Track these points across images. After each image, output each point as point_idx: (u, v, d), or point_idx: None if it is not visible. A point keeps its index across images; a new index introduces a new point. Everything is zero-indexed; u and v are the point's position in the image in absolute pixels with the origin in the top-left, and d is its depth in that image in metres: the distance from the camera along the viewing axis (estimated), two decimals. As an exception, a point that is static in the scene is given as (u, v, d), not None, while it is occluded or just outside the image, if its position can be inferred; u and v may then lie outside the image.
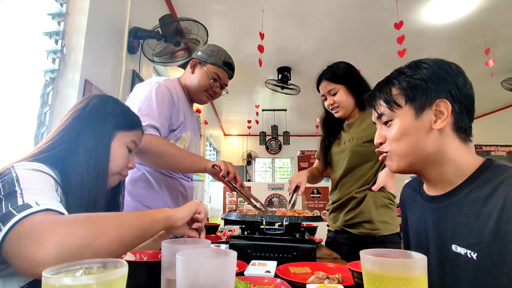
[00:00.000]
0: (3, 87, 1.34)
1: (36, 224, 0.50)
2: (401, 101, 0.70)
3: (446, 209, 0.69)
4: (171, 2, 2.95)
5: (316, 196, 5.15)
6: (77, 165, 0.70)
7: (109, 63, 1.89)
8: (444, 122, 0.66)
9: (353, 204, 1.37)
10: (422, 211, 0.77)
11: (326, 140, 1.53)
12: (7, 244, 0.49)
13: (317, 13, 3.13)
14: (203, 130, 4.99)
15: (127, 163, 0.82)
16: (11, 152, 1.33)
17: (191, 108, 1.43)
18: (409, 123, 0.69)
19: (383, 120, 0.74)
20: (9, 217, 0.50)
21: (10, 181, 0.56)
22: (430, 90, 0.67)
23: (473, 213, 0.62)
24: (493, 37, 3.48)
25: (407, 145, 0.70)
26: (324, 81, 1.43)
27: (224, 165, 1.18)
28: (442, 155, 0.68)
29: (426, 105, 0.67)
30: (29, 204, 0.53)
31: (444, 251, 0.67)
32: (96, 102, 0.79)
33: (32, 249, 0.47)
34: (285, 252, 0.95)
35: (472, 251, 0.61)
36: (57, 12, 1.57)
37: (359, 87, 1.40)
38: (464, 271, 0.62)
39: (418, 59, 0.72)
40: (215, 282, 0.44)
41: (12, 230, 0.49)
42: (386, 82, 0.74)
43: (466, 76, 0.69)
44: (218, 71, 1.32)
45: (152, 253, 0.86)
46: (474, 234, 0.61)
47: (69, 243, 0.49)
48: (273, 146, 8.19)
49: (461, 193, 0.66)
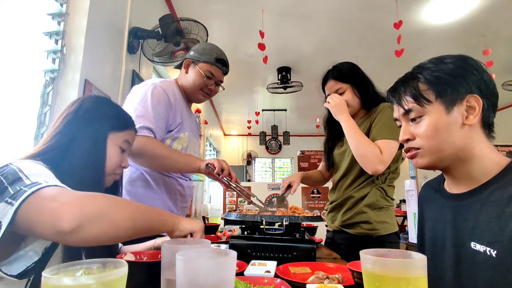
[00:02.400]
0: (3, 87, 1.34)
1: (53, 192, 0.52)
2: (431, 96, 0.68)
3: (467, 207, 0.68)
4: (171, 2, 2.95)
5: (316, 196, 5.15)
6: (73, 168, 0.70)
7: (109, 63, 1.89)
8: (477, 117, 0.66)
9: (351, 203, 1.36)
10: (441, 208, 0.76)
11: (329, 142, 1.53)
12: (22, 215, 0.49)
13: (317, 13, 3.13)
14: (203, 130, 4.99)
15: (120, 163, 0.82)
16: (11, 152, 1.33)
17: (189, 109, 1.43)
18: (441, 118, 0.67)
19: (411, 116, 0.71)
20: (20, 193, 0.51)
21: (12, 172, 0.56)
22: (461, 84, 0.66)
23: (496, 212, 0.62)
24: (493, 37, 3.48)
25: (440, 141, 0.68)
26: (330, 81, 1.42)
27: (218, 162, 1.19)
28: (470, 151, 0.67)
29: (457, 100, 0.66)
30: (38, 182, 0.53)
31: (462, 248, 0.66)
32: (88, 104, 0.79)
33: (54, 209, 0.49)
34: (285, 252, 0.95)
35: (492, 249, 0.60)
36: (57, 12, 1.57)
37: (365, 87, 1.40)
38: (482, 269, 0.61)
39: (440, 56, 0.71)
40: (215, 282, 0.44)
41: (27, 200, 0.50)
42: (411, 77, 0.72)
43: (489, 73, 0.69)
44: (211, 68, 1.32)
45: (152, 253, 0.86)
46: (495, 233, 0.60)
47: (90, 207, 0.51)
48: (273, 146, 8.19)
49: (485, 192, 0.65)
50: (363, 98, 1.40)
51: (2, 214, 0.50)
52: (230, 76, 5.03)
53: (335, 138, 1.51)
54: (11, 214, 0.49)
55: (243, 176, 7.08)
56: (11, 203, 0.50)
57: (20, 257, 0.56)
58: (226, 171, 1.20)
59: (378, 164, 1.21)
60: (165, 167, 1.21)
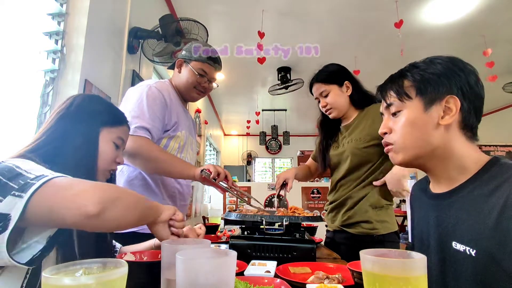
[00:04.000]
0: (3, 87, 1.34)
1: (68, 181, 0.54)
2: (412, 92, 0.70)
3: (448, 206, 0.69)
4: (171, 2, 2.95)
5: (316, 196, 5.15)
6: (66, 164, 0.70)
7: (109, 63, 1.89)
8: (452, 118, 0.66)
9: (351, 203, 1.37)
10: (426, 209, 0.77)
11: (323, 142, 1.53)
12: (35, 205, 0.50)
13: (317, 13, 3.13)
14: (203, 130, 4.99)
15: (115, 158, 0.82)
16: (11, 152, 1.33)
17: (184, 108, 1.44)
18: (417, 115, 0.69)
19: (392, 110, 0.74)
20: (29, 186, 0.51)
21: (7, 168, 0.55)
22: (442, 84, 0.67)
23: (475, 209, 0.62)
24: (493, 38, 3.48)
25: (413, 137, 0.70)
26: (315, 84, 1.45)
27: (213, 167, 1.19)
28: (447, 150, 0.68)
29: (436, 99, 0.67)
30: (44, 174, 0.54)
31: (445, 248, 0.68)
32: (80, 100, 0.79)
33: (75, 196, 0.51)
34: (285, 252, 0.95)
35: (471, 248, 0.61)
36: (57, 12, 1.57)
37: (351, 86, 1.41)
38: (463, 268, 0.62)
39: (434, 56, 0.72)
40: (215, 282, 0.44)
41: (38, 191, 0.51)
42: (399, 74, 0.74)
43: (479, 77, 0.69)
44: (203, 66, 1.33)
45: (152, 253, 0.86)
46: (474, 231, 0.61)
47: (109, 193, 0.54)
48: (273, 146, 8.19)
49: (465, 190, 0.66)
50: (351, 97, 1.42)
51: (11, 206, 0.50)
52: (230, 76, 5.04)
53: (329, 138, 1.52)
54: (22, 205, 0.49)
55: (243, 176, 7.07)
56: (19, 196, 0.50)
57: (25, 248, 0.56)
58: (222, 175, 1.20)
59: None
60: (159, 171, 1.22)
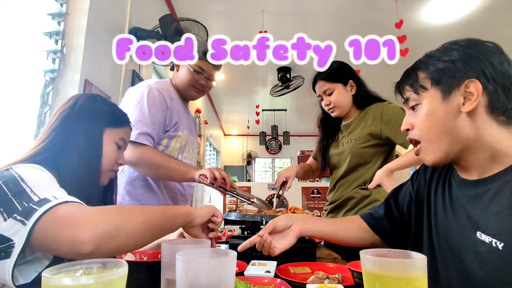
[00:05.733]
0: (3, 87, 1.34)
1: (68, 213, 0.53)
2: (427, 83, 0.67)
3: (478, 195, 0.64)
4: (171, 2, 2.95)
5: (316, 196, 5.15)
6: (71, 164, 0.70)
7: (109, 63, 1.89)
8: (474, 104, 0.61)
9: (352, 204, 1.36)
10: (450, 194, 0.71)
11: (324, 141, 1.53)
12: (37, 234, 0.51)
13: (317, 13, 3.13)
14: (203, 130, 4.99)
15: (117, 159, 0.82)
16: (11, 152, 1.33)
17: (185, 108, 1.44)
18: (436, 105, 0.65)
19: (410, 104, 0.70)
20: (32, 211, 0.51)
21: (13, 181, 0.56)
22: (458, 70, 0.63)
23: (508, 203, 0.58)
24: (493, 38, 3.46)
25: (436, 129, 0.65)
26: (319, 81, 1.43)
27: (210, 172, 1.17)
28: (478, 140, 0.63)
29: (454, 86, 0.63)
30: (47, 199, 0.54)
31: (467, 237, 0.64)
32: (84, 101, 0.79)
33: (71, 232, 0.51)
34: (285, 252, 0.95)
35: (498, 241, 0.57)
36: (57, 12, 1.57)
37: (355, 86, 1.41)
38: (486, 260, 0.59)
39: (451, 41, 0.69)
40: (215, 282, 0.44)
41: (40, 220, 0.51)
42: (414, 67, 0.71)
43: (505, 54, 0.64)
44: (200, 63, 1.33)
45: (152, 253, 0.86)
46: (504, 224, 0.58)
47: (104, 226, 0.53)
48: (273, 146, 8.18)
49: (499, 181, 0.61)
50: (354, 96, 1.41)
51: (13, 232, 0.50)
52: (230, 76, 5.03)
53: (329, 137, 1.51)
54: (26, 234, 0.50)
55: (243, 176, 7.07)
56: (22, 222, 0.50)
57: (29, 261, 0.56)
58: (219, 180, 1.18)
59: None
60: (160, 176, 1.23)
